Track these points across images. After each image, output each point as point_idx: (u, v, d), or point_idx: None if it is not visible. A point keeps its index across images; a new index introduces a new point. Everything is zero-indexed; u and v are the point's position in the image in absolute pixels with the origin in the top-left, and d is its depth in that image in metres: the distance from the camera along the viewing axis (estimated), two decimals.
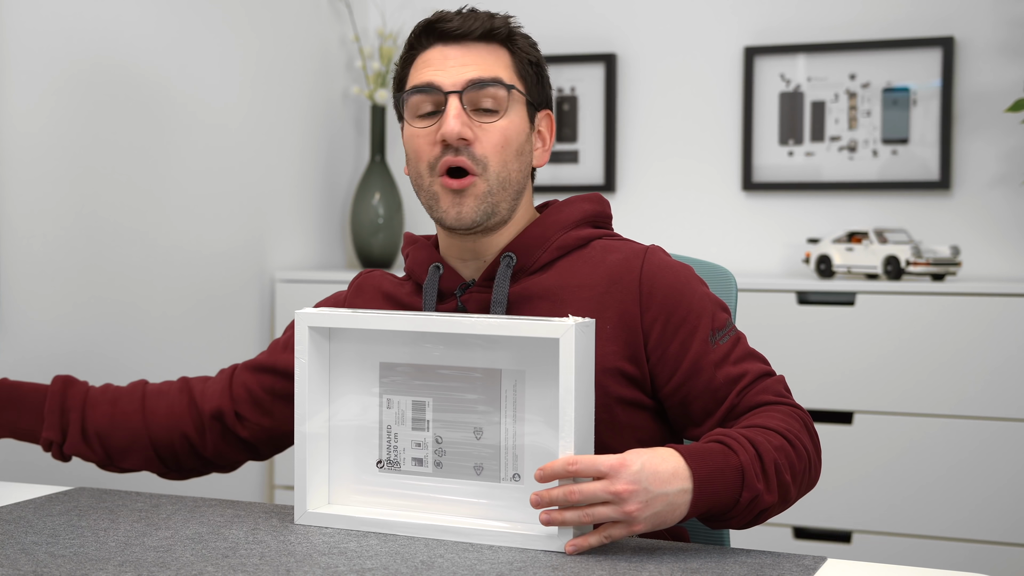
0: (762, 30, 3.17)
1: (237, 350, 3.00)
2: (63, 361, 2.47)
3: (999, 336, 2.61)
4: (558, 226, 1.56)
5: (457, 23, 1.54)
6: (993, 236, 2.98)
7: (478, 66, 1.52)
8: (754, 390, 1.49)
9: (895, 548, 2.68)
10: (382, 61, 3.37)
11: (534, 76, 1.58)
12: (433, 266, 1.57)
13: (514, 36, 1.57)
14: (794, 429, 1.44)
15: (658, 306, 1.50)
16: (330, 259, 3.42)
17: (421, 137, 1.53)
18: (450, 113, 1.50)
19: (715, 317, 1.52)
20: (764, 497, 1.35)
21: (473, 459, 1.39)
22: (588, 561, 1.28)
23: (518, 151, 1.54)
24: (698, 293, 1.53)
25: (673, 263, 1.55)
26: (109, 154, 2.58)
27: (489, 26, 1.54)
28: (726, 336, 1.51)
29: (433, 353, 1.41)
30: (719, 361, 1.49)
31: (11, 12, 2.33)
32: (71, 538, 1.37)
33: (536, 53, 1.59)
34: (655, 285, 1.51)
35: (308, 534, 1.39)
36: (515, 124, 1.54)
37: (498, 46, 1.55)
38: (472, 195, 1.51)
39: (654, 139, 3.27)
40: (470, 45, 1.54)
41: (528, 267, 1.55)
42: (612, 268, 1.53)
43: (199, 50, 2.84)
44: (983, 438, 2.62)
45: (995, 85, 2.97)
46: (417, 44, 1.57)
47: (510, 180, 1.53)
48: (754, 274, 3.09)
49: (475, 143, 1.51)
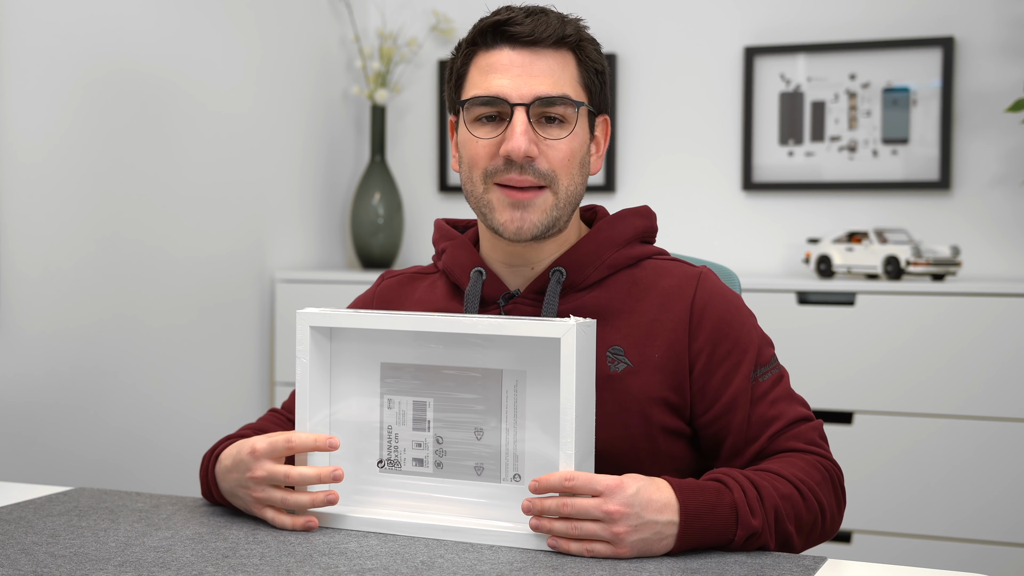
0: (762, 30, 3.17)
1: (237, 350, 3.00)
2: (64, 362, 2.47)
3: (999, 336, 2.61)
4: (610, 243, 1.53)
5: (529, 27, 1.46)
6: (993, 236, 2.98)
7: (546, 77, 1.46)
8: (785, 435, 1.46)
9: (895, 548, 2.68)
10: (382, 61, 3.37)
11: (599, 85, 1.53)
12: (476, 271, 1.53)
13: (583, 43, 1.50)
14: (810, 480, 1.41)
15: (706, 335, 1.48)
16: (330, 259, 3.42)
17: (481, 146, 1.48)
18: (516, 129, 1.44)
19: (761, 352, 1.50)
20: (764, 536, 1.34)
21: (474, 459, 1.39)
22: (588, 561, 1.29)
23: (581, 163, 1.50)
24: (747, 325, 1.50)
25: (725, 290, 1.52)
26: (109, 154, 2.58)
27: (561, 33, 1.47)
28: (768, 374, 1.49)
29: (435, 353, 1.41)
30: (757, 399, 1.47)
31: (15, 14, 2.33)
32: (71, 538, 1.37)
33: (602, 60, 1.53)
34: (705, 314, 1.48)
35: (308, 534, 1.39)
36: (579, 138, 1.49)
37: (567, 52, 1.48)
38: (540, 209, 1.47)
39: (654, 139, 3.27)
40: (540, 51, 1.46)
41: (578, 284, 1.51)
42: (664, 294, 1.50)
43: (199, 51, 2.84)
44: (983, 438, 2.62)
45: (995, 85, 2.97)
46: (481, 41, 1.48)
47: (575, 194, 1.50)
48: (754, 274, 3.09)
49: (539, 159, 1.46)
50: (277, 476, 1.39)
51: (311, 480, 1.39)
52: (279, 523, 1.40)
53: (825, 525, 1.42)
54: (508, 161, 1.45)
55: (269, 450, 1.40)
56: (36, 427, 2.42)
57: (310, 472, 1.39)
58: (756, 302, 2.79)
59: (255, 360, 3.07)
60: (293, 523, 1.40)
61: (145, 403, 2.69)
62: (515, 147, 1.44)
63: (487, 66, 1.47)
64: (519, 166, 1.45)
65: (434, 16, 3.45)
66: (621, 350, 1.47)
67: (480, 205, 1.49)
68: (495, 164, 1.46)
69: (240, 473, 1.42)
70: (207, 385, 2.89)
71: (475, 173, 1.49)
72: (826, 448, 1.48)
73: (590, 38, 1.52)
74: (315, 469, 1.39)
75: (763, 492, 1.35)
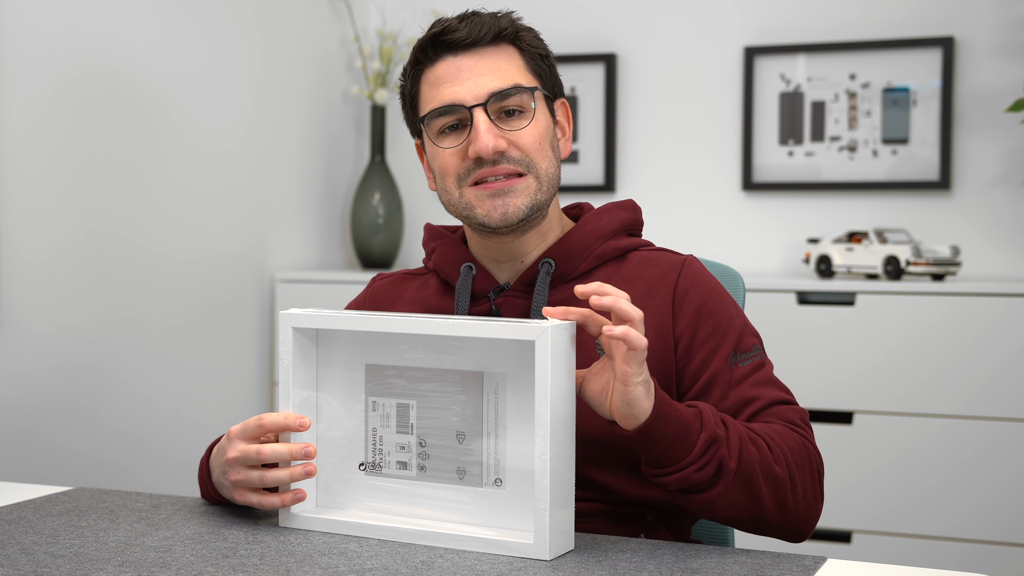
0: (762, 30, 3.17)
1: (237, 350, 3.00)
2: (64, 362, 2.47)
3: (999, 336, 2.61)
4: (597, 235, 1.55)
5: (465, 31, 1.49)
6: (993, 236, 2.98)
7: (494, 74, 1.49)
8: (764, 414, 1.45)
9: (895, 548, 2.68)
10: (382, 61, 3.37)
11: (547, 69, 1.55)
12: (466, 266, 1.55)
13: (520, 33, 1.53)
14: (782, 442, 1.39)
15: (688, 318, 1.49)
16: (330, 259, 3.42)
17: (449, 155, 1.50)
18: (480, 129, 1.46)
19: (742, 338, 1.50)
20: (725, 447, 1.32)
21: (456, 463, 1.38)
22: (588, 561, 1.28)
23: (552, 146, 1.53)
24: (728, 311, 1.51)
25: (708, 277, 1.54)
26: (109, 154, 2.58)
27: (497, 28, 1.50)
28: (749, 360, 1.49)
29: (417, 355, 1.39)
30: (736, 382, 1.47)
31: (11, 16, 2.33)
32: (71, 538, 1.37)
33: (543, 45, 1.56)
34: (687, 297, 1.50)
35: (308, 534, 1.39)
36: (542, 122, 1.52)
37: (507, 46, 1.52)
38: (523, 192, 1.49)
39: (654, 139, 3.27)
40: (481, 51, 1.50)
41: (566, 275, 1.54)
42: (650, 281, 1.52)
43: (198, 51, 2.84)
44: (983, 438, 2.62)
45: (995, 85, 2.97)
46: (424, 58, 1.52)
47: (554, 175, 1.52)
48: (754, 274, 3.09)
49: (509, 149, 1.48)
50: (250, 454, 1.38)
51: (283, 455, 1.37)
52: (268, 505, 1.39)
53: (796, 496, 1.38)
54: (478, 161, 1.48)
55: (242, 431, 1.40)
56: (36, 427, 2.42)
57: (281, 448, 1.37)
58: (756, 302, 2.79)
59: (255, 360, 3.07)
60: (282, 500, 1.38)
61: (145, 403, 2.70)
62: (483, 146, 1.46)
63: (435, 79, 1.50)
64: (491, 162, 1.48)
65: (434, 16, 3.45)
66: None
67: (460, 209, 1.51)
68: (466, 166, 1.49)
69: (219, 458, 1.43)
70: (207, 385, 2.89)
71: (448, 182, 1.51)
72: (808, 432, 1.45)
73: (526, 27, 1.55)
74: (286, 445, 1.37)
75: (729, 423, 1.35)
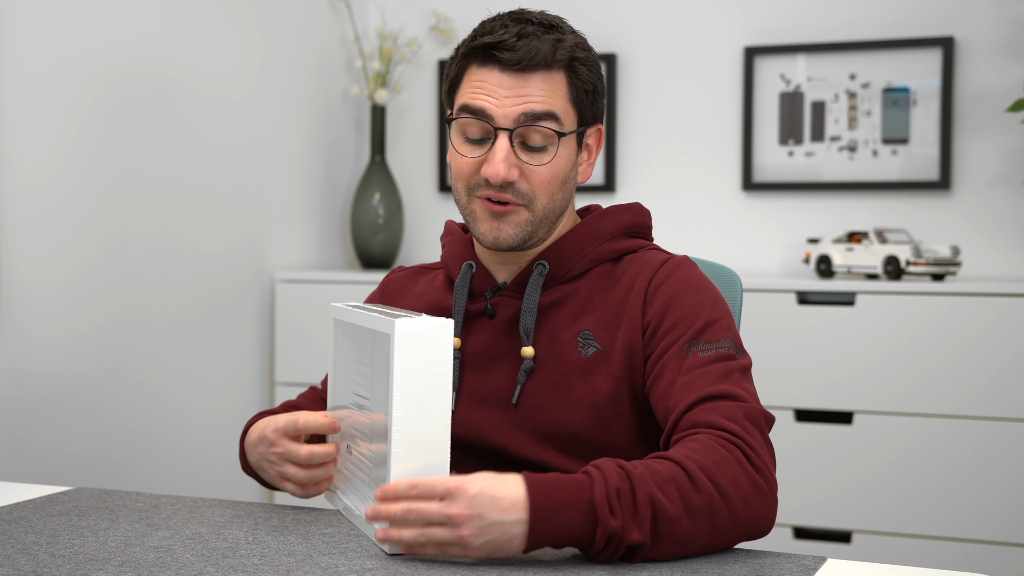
0: (762, 30, 3.17)
1: (237, 349, 3.00)
2: (64, 361, 2.47)
3: (999, 336, 2.61)
4: (593, 237, 1.56)
5: (519, 54, 1.47)
6: (993, 236, 2.98)
7: (533, 99, 1.48)
8: (704, 407, 1.38)
9: (895, 548, 2.68)
10: (382, 61, 3.37)
11: (590, 100, 1.53)
12: (466, 264, 1.58)
13: (575, 64, 1.51)
14: (706, 460, 1.29)
15: (656, 309, 1.49)
16: (330, 259, 3.42)
17: (465, 163, 1.52)
18: (497, 155, 1.47)
19: (708, 329, 1.46)
20: (630, 535, 1.24)
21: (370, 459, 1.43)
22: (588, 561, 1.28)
23: (563, 181, 1.53)
24: (700, 306, 1.48)
25: (691, 274, 1.52)
26: (109, 155, 2.58)
27: (551, 57, 1.48)
28: (710, 350, 1.44)
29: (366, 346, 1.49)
30: (687, 368, 1.43)
31: (17, 15, 2.33)
32: (71, 538, 1.37)
33: (595, 79, 1.53)
34: (659, 290, 1.50)
35: (308, 534, 1.39)
36: (562, 159, 1.51)
37: (558, 72, 1.50)
38: (514, 222, 1.51)
39: (654, 139, 3.27)
40: (529, 75, 1.48)
41: (560, 276, 1.55)
42: (632, 278, 1.53)
43: (199, 52, 2.84)
44: (983, 438, 2.62)
45: (995, 85, 2.97)
46: (474, 56, 1.51)
47: (554, 210, 1.53)
48: (754, 274, 3.09)
49: (519, 180, 1.49)
50: (292, 454, 1.49)
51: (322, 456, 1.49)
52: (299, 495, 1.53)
53: (733, 509, 1.29)
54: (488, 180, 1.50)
55: (285, 429, 1.50)
56: (36, 427, 2.42)
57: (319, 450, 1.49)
58: (756, 302, 2.79)
59: (255, 360, 3.07)
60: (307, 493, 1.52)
61: (145, 403, 2.70)
62: (494, 173, 1.48)
63: (478, 80, 1.50)
64: (498, 187, 1.50)
65: (434, 16, 3.45)
66: (591, 334, 1.51)
67: (465, 213, 1.55)
68: (477, 180, 1.51)
69: (265, 447, 1.53)
70: (207, 385, 2.89)
71: (459, 184, 1.54)
72: (750, 431, 1.35)
73: (584, 57, 1.52)
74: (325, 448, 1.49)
75: (636, 482, 1.25)
